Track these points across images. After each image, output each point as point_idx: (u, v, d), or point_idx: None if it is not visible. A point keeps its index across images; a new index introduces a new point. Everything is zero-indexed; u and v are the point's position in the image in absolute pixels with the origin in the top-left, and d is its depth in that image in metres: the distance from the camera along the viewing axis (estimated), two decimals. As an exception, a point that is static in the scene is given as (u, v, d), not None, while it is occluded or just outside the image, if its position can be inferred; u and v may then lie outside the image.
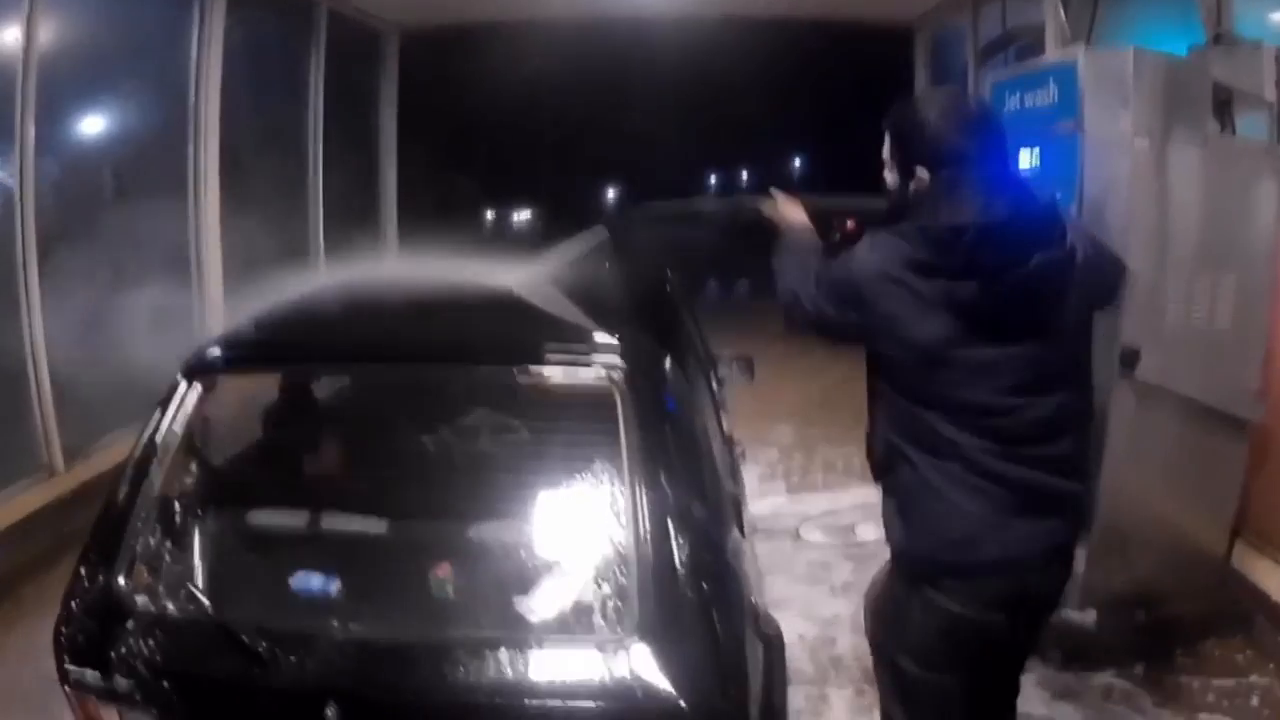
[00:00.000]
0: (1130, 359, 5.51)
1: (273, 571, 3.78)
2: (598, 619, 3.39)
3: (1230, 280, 5.65)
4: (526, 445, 4.45)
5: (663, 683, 3.09)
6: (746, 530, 4.65)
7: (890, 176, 3.75)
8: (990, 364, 3.47)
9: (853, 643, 5.99)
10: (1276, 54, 5.78)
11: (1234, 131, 5.86)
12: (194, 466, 4.17)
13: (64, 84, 7.93)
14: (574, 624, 3.43)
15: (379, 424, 4.69)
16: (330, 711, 3.15)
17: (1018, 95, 6.29)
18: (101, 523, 3.73)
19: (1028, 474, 3.56)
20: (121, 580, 3.56)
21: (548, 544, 3.74)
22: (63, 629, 3.46)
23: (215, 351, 4.24)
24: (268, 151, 11.60)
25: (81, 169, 8.61)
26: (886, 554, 6.71)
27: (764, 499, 8.33)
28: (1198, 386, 5.67)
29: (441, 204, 15.09)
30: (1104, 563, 5.79)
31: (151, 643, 3.36)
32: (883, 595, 4.09)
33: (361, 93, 14.29)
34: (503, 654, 3.23)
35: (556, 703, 3.16)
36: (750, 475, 8.26)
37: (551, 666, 3.21)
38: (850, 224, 16.71)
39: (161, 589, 3.64)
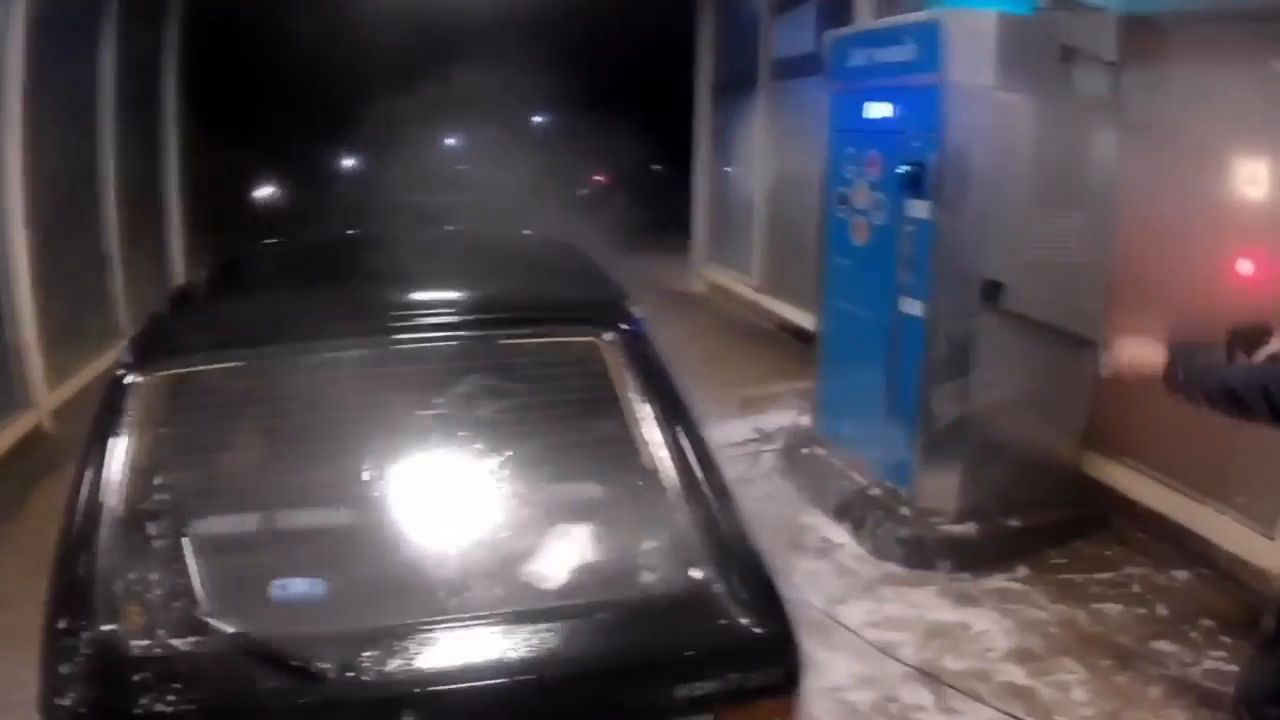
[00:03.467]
0: (992, 291, 5.99)
1: (270, 579, 3.27)
2: (662, 568, 3.29)
3: (1077, 218, 6.18)
4: (536, 411, 3.99)
5: (738, 617, 3.06)
6: None
7: None
8: None
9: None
10: (1118, 19, 6.17)
11: (1071, 87, 6.23)
12: (157, 474, 3.52)
13: None
14: (641, 578, 3.30)
15: (370, 404, 3.87)
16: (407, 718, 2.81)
17: (865, 51, 6.71)
18: (65, 559, 3.15)
19: None
20: (112, 626, 2.97)
21: (587, 504, 3.61)
22: (55, 703, 2.81)
23: (165, 341, 3.93)
24: (58, 122, 9.90)
25: None
26: (745, 492, 7.09)
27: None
28: (1051, 312, 6.12)
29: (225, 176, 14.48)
30: (977, 479, 6.31)
31: (183, 688, 2.81)
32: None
33: (146, 53, 12.92)
34: (577, 620, 3.07)
35: (648, 657, 3.04)
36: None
37: (631, 622, 3.11)
38: (600, 177, 16.92)
39: (164, 624, 3.04)
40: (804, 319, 9.58)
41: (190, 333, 4.05)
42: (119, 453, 3.43)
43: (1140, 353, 4.05)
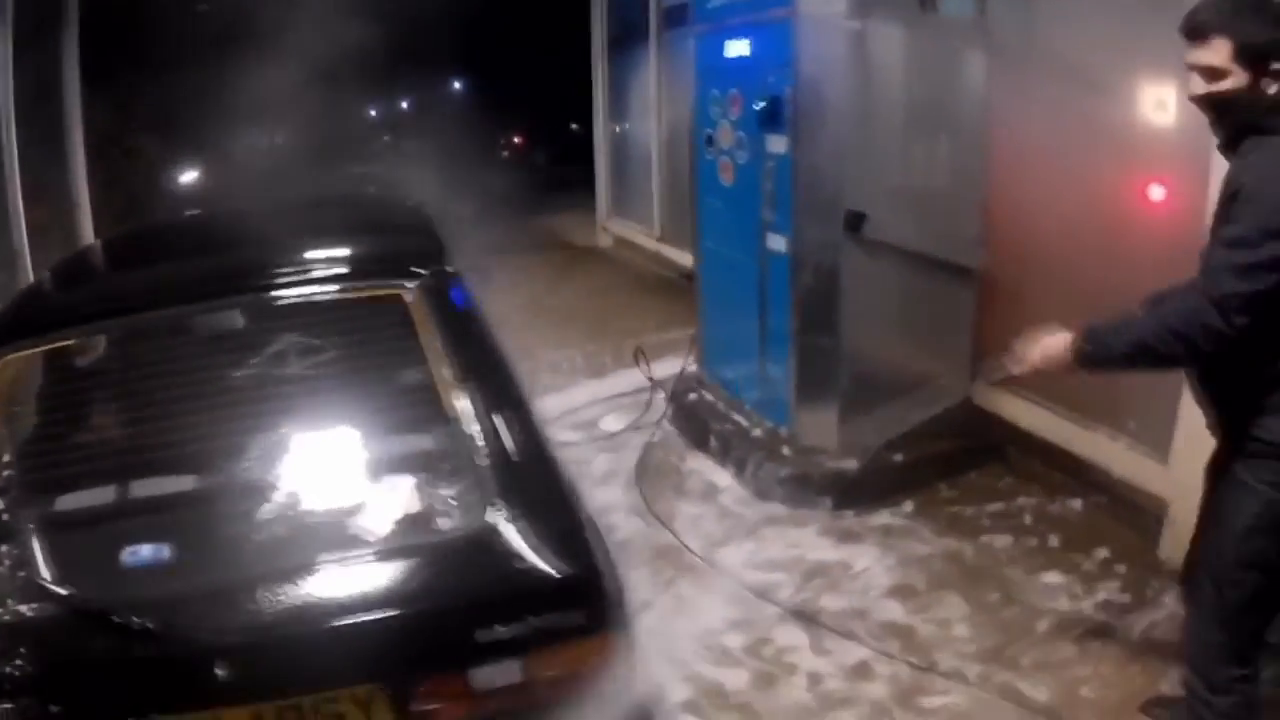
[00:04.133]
0: (855, 221, 5.79)
1: (110, 546, 3.38)
2: (458, 514, 3.37)
3: (945, 143, 6.01)
4: (340, 366, 4.18)
5: (532, 559, 3.10)
6: None
7: (1234, 80, 3.28)
8: None
9: (632, 527, 6.07)
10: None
11: (935, 9, 6.01)
12: (5, 450, 3.76)
13: None
14: (436, 524, 3.38)
15: (190, 371, 4.12)
16: (220, 670, 2.90)
17: (726, -11, 6.48)
18: None
19: None
20: None
21: (389, 456, 3.69)
22: None
23: (10, 324, 4.08)
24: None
25: None
26: (637, 440, 6.96)
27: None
28: (923, 241, 5.94)
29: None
30: (857, 414, 6.13)
31: (25, 653, 2.96)
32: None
33: (45, 43, 12.19)
34: (375, 568, 3.19)
35: (443, 601, 3.11)
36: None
37: (427, 568, 3.19)
38: (519, 139, 16.63)
39: (10, 592, 3.18)
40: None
41: (33, 315, 4.22)
42: None
43: (1042, 342, 3.66)
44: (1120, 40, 5.30)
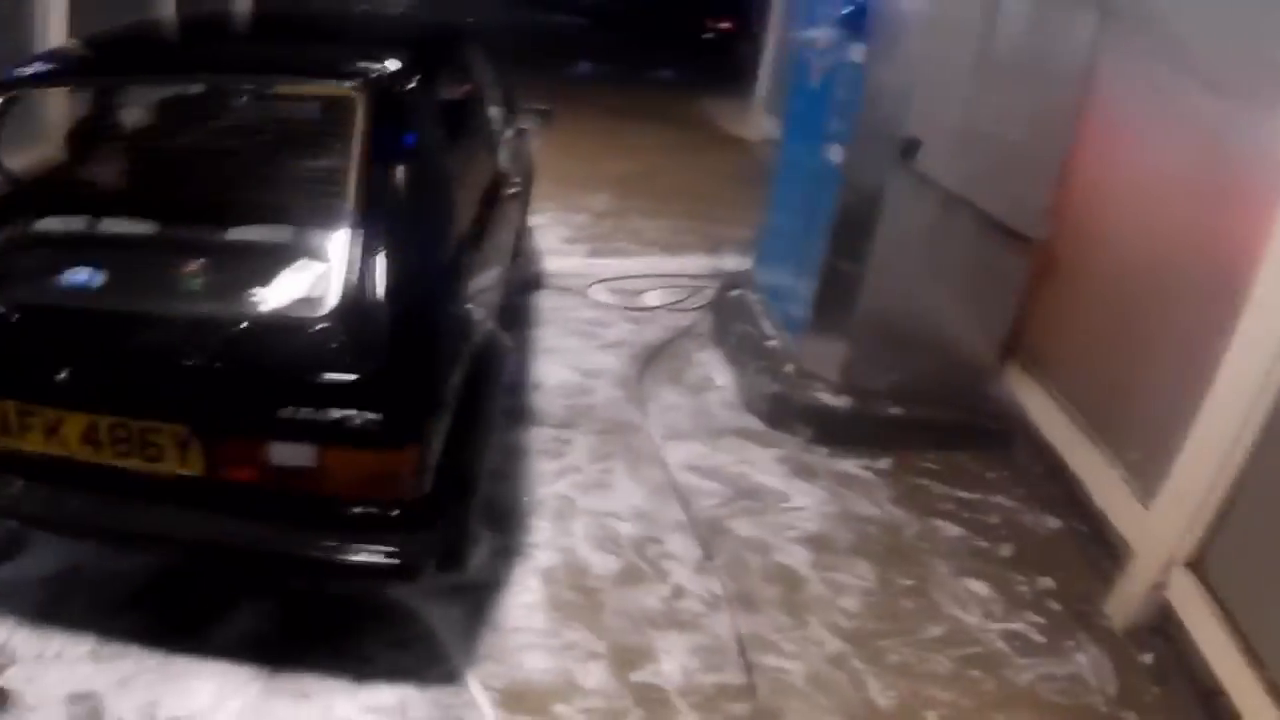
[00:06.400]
0: (910, 149, 5.22)
1: (47, 266, 3.87)
2: (301, 305, 3.60)
3: (1029, 94, 5.26)
4: (276, 154, 4.58)
5: (348, 358, 3.34)
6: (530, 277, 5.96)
7: None
8: None
9: (608, 395, 5.86)
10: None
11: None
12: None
13: None
14: (281, 307, 3.62)
15: (158, 134, 4.88)
16: (62, 374, 3.35)
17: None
18: None
19: None
20: None
21: (277, 242, 3.93)
22: None
23: (22, 69, 4.42)
24: None
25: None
26: (672, 321, 6.74)
27: (564, 258, 8.02)
28: (982, 193, 5.34)
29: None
30: (865, 351, 5.64)
31: None
32: None
33: None
34: (220, 329, 3.46)
35: (257, 369, 3.39)
36: (555, 237, 8.36)
37: (259, 338, 3.48)
38: (727, 24, 15.69)
39: None
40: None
41: (46, 62, 4.66)
42: None
43: None
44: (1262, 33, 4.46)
